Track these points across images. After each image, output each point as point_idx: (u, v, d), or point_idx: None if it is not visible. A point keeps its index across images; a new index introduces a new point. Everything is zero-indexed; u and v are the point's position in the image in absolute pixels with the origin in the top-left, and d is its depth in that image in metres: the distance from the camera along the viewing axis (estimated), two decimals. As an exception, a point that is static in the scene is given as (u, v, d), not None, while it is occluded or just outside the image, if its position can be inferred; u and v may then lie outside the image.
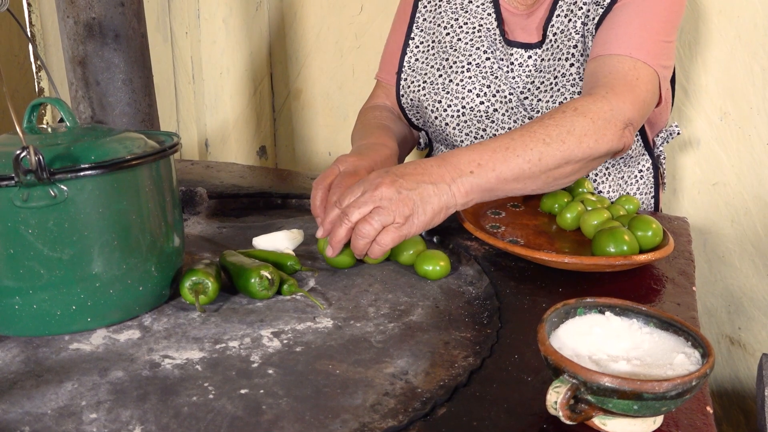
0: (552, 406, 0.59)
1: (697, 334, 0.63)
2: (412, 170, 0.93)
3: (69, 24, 1.08)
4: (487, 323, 0.84)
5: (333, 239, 0.93)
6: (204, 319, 0.84)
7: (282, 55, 2.16)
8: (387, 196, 0.89)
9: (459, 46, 1.30)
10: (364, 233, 0.89)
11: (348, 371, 0.73)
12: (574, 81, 1.20)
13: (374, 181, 0.91)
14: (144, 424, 0.64)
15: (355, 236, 0.91)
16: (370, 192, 0.90)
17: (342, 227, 0.91)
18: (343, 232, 0.92)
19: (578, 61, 1.20)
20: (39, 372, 0.73)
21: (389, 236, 0.90)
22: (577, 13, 1.21)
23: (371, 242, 0.91)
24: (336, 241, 0.93)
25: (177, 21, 2.08)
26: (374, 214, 0.89)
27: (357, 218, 0.90)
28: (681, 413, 0.65)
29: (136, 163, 0.79)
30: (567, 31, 1.21)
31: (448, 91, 1.29)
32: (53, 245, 0.76)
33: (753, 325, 1.71)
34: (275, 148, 2.27)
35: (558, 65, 1.21)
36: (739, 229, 1.67)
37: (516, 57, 1.26)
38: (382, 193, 0.89)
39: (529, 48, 1.25)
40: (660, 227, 0.97)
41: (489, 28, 1.29)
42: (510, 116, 1.26)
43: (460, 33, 1.31)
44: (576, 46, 1.20)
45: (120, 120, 1.11)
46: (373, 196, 0.90)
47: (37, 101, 0.86)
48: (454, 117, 1.29)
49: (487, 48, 1.28)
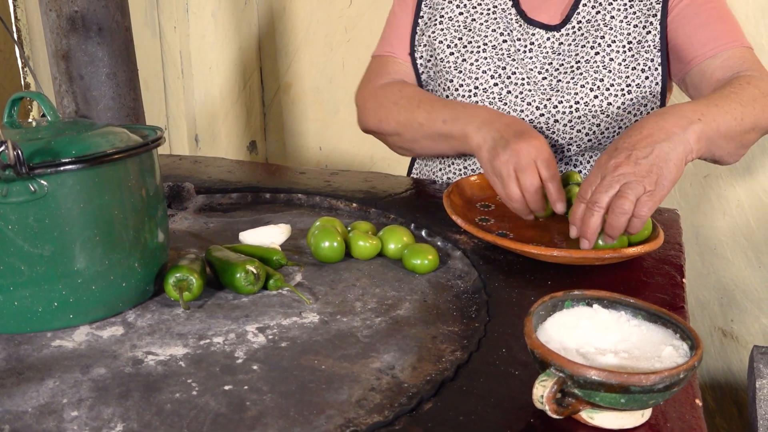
0: (538, 400, 0.58)
1: (685, 327, 0.63)
2: (638, 135, 0.93)
3: (51, 17, 1.06)
4: (475, 317, 0.83)
5: (587, 231, 0.92)
6: (188, 315, 0.83)
7: (271, 50, 2.15)
8: (629, 172, 0.89)
9: (474, 27, 1.29)
10: (624, 209, 0.88)
11: (334, 366, 0.72)
12: (597, 68, 1.22)
13: (609, 164, 0.91)
14: (126, 421, 0.63)
15: (613, 215, 0.89)
16: (610, 175, 0.90)
17: (594, 215, 0.91)
18: (597, 219, 0.91)
19: (604, 50, 1.22)
20: (20, 369, 0.72)
21: (646, 206, 0.89)
22: (606, 7, 1.24)
23: (630, 217, 0.90)
24: (591, 232, 0.92)
25: (165, 15, 2.07)
26: (625, 189, 0.89)
27: (607, 201, 0.90)
28: (670, 406, 0.64)
29: (118, 157, 0.78)
30: (594, 21, 1.24)
31: (460, 71, 1.28)
32: (34, 241, 0.74)
33: (745, 317, 1.71)
34: (265, 142, 2.26)
35: (581, 51, 1.23)
36: (731, 222, 1.67)
37: (537, 37, 1.26)
38: (622, 171, 0.89)
39: (549, 29, 1.26)
40: (649, 220, 0.96)
41: (504, 8, 1.29)
42: (523, 99, 1.25)
43: (474, 13, 1.30)
44: (603, 36, 1.22)
45: (104, 114, 1.10)
46: (615, 177, 0.90)
47: (17, 95, 0.84)
48: (465, 97, 1.28)
49: (504, 29, 1.28)
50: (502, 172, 1.04)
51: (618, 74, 1.21)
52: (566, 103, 1.22)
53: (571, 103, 1.22)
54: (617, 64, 1.21)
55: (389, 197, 1.22)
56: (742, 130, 1.06)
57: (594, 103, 1.21)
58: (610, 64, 1.21)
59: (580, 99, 1.21)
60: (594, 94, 1.21)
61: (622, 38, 1.22)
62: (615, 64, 1.21)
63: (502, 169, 1.04)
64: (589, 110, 1.21)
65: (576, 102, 1.22)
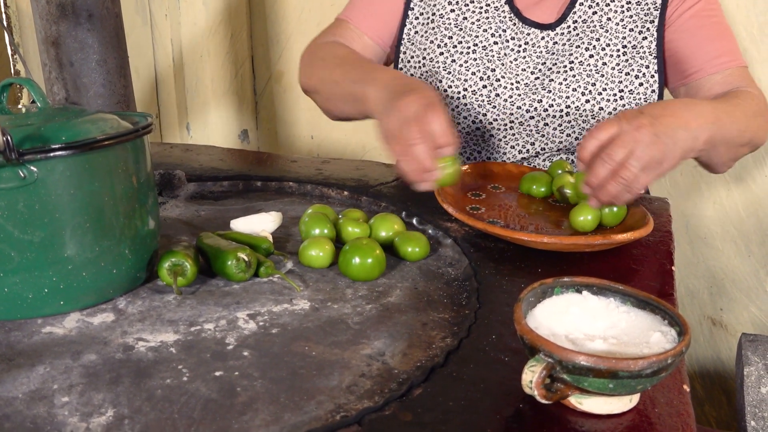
0: (527, 386, 0.58)
1: (673, 313, 0.63)
2: (663, 112, 0.93)
3: (41, 4, 1.06)
4: (465, 304, 0.83)
5: (592, 180, 0.91)
6: (179, 302, 0.83)
7: (263, 38, 2.14)
8: (645, 141, 0.88)
9: (465, 26, 1.27)
10: (627, 178, 0.88)
11: (324, 353, 0.72)
12: (590, 72, 1.21)
13: (633, 122, 0.90)
14: (116, 407, 0.63)
15: (614, 182, 0.89)
16: (631, 133, 0.88)
17: (605, 166, 0.89)
18: (606, 171, 0.89)
19: (598, 53, 1.21)
20: (10, 356, 0.72)
21: (643, 182, 0.89)
22: (603, 9, 1.22)
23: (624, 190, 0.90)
24: (598, 184, 0.90)
25: (156, 3, 2.06)
26: (631, 159, 0.88)
27: (621, 157, 0.88)
28: (658, 391, 0.65)
29: (108, 143, 0.78)
30: (590, 22, 1.22)
31: (449, 72, 1.26)
32: (24, 227, 0.74)
33: (734, 306, 1.72)
34: (257, 131, 2.26)
35: (575, 51, 1.22)
36: (721, 211, 1.68)
37: (532, 37, 1.25)
38: (642, 136, 0.88)
39: (544, 28, 1.25)
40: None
41: (498, 6, 1.27)
42: (513, 102, 1.24)
43: (467, 11, 1.28)
44: (598, 39, 1.21)
45: (95, 101, 1.10)
46: (633, 137, 0.88)
47: (6, 81, 0.84)
48: (454, 98, 1.27)
49: (495, 30, 1.26)
50: (390, 130, 0.95)
51: (611, 78, 1.20)
52: (557, 106, 1.22)
53: (562, 107, 1.21)
54: (611, 68, 1.20)
55: (380, 185, 1.22)
56: (740, 143, 1.07)
57: (585, 107, 1.21)
58: (603, 68, 1.20)
59: (571, 103, 1.21)
60: (586, 98, 1.21)
61: (617, 41, 1.21)
62: (608, 68, 1.20)
63: (390, 126, 0.95)
64: (580, 114, 1.21)
65: (567, 106, 1.21)
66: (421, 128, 0.91)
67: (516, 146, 1.28)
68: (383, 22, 1.34)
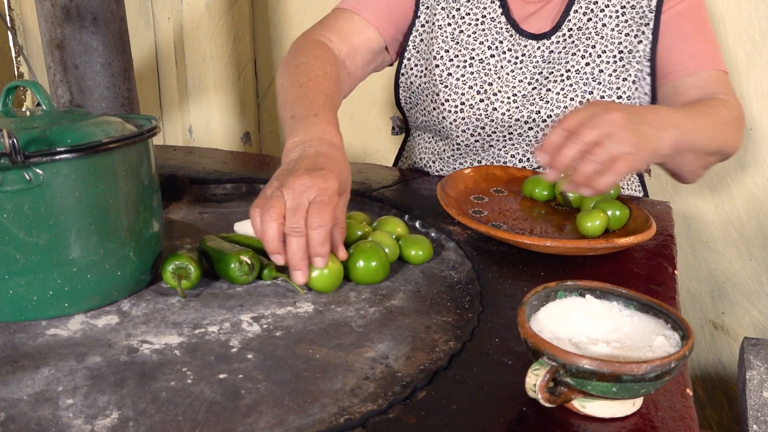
0: (531, 389, 0.59)
1: (676, 317, 0.63)
2: (630, 108, 0.91)
3: (46, 6, 1.06)
4: (468, 307, 0.83)
5: (558, 160, 0.85)
6: (183, 305, 0.83)
7: (266, 41, 2.14)
8: (620, 123, 0.84)
9: (461, 39, 1.25)
10: (601, 158, 0.83)
11: (328, 355, 0.72)
12: (587, 80, 1.19)
13: (603, 105, 0.87)
14: (121, 409, 0.63)
15: (587, 161, 0.84)
16: (601, 115, 0.85)
17: (572, 147, 0.84)
18: (574, 151, 0.84)
19: (594, 60, 1.19)
20: (15, 358, 0.72)
21: (624, 165, 0.83)
22: (598, 15, 1.20)
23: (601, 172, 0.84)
24: (562, 163, 0.85)
25: (159, 6, 2.06)
26: (608, 140, 0.83)
27: (590, 139, 0.83)
28: (661, 395, 0.65)
29: (113, 146, 0.78)
30: (585, 29, 1.21)
31: (446, 85, 1.25)
32: (29, 230, 0.75)
33: (736, 309, 1.72)
34: (259, 134, 2.26)
35: (571, 59, 1.20)
36: (722, 214, 1.68)
37: (529, 48, 1.23)
38: (614, 118, 0.84)
39: (540, 38, 1.23)
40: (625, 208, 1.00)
41: (494, 18, 1.25)
42: (511, 116, 1.23)
43: (463, 24, 1.26)
44: (594, 46, 1.20)
45: (99, 104, 1.10)
46: (606, 120, 0.84)
47: (11, 84, 0.84)
48: (452, 111, 1.25)
49: (492, 42, 1.24)
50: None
51: (608, 85, 1.19)
52: (555, 117, 1.21)
53: (560, 116, 1.19)
54: (607, 75, 1.19)
55: (383, 188, 1.22)
56: (708, 151, 1.06)
57: None
58: (599, 75, 1.19)
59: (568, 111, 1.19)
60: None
61: (612, 48, 1.19)
62: (605, 75, 1.19)
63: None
64: None
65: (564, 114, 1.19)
66: (305, 219, 0.82)
67: (516, 155, 1.27)
68: (392, 17, 1.30)
